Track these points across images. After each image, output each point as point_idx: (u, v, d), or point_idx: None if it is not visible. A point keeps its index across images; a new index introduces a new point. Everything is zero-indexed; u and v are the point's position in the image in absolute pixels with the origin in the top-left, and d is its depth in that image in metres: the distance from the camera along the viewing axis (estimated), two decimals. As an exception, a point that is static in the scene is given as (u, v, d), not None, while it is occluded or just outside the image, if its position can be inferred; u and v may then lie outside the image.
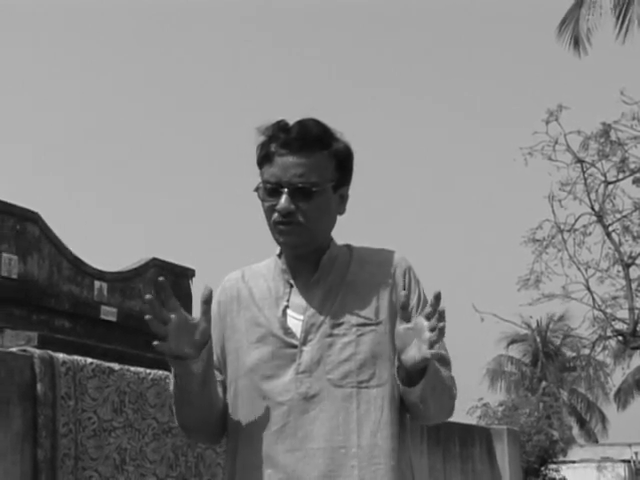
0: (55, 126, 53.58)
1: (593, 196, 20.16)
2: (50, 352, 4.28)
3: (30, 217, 11.20)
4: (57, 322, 11.34)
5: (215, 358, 2.42)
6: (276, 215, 2.35)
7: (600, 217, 20.16)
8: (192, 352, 2.25)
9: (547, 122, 19.77)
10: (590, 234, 20.37)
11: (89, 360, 4.42)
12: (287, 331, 2.37)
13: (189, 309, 13.72)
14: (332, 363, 2.33)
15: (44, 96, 54.23)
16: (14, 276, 10.90)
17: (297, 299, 2.41)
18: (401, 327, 2.26)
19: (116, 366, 4.55)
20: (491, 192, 51.88)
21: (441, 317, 2.19)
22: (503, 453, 9.59)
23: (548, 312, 35.23)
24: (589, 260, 20.40)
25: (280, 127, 2.37)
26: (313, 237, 2.37)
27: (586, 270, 20.23)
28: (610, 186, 20.19)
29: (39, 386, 4.13)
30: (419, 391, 2.28)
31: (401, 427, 2.39)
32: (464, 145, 52.46)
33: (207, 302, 2.26)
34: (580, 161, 20.04)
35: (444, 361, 2.41)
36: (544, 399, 24.71)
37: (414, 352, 2.22)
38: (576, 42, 19.94)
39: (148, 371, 4.74)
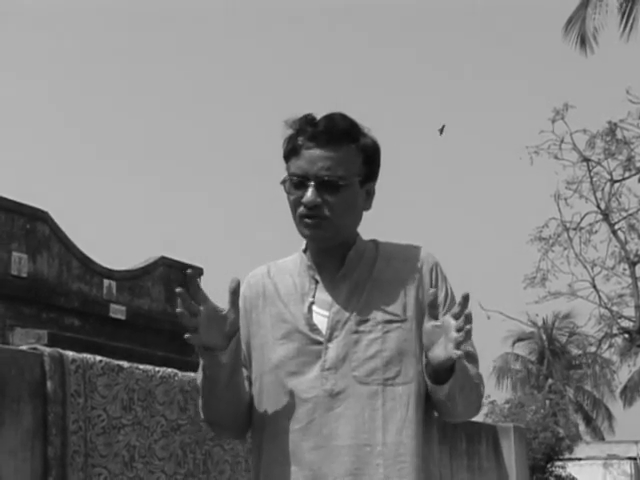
0: (64, 126, 53.71)
1: (599, 194, 20.16)
2: (60, 350, 4.29)
3: (40, 216, 11.23)
4: (67, 320, 11.37)
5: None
6: (302, 208, 2.33)
7: (606, 215, 20.14)
8: (222, 342, 2.25)
9: (553, 121, 19.79)
10: (596, 232, 20.38)
11: (98, 358, 4.43)
12: (313, 327, 2.34)
13: (197, 307, 13.71)
14: (358, 360, 2.31)
15: (52, 97, 54.37)
16: (24, 275, 10.93)
17: (323, 295, 2.38)
18: (429, 324, 2.25)
19: (125, 364, 4.57)
20: (497, 190, 51.85)
21: (468, 320, 2.17)
22: (510, 450, 9.59)
23: (554, 310, 35.20)
24: (595, 258, 20.41)
25: (308, 121, 2.35)
26: (339, 231, 2.35)
27: (592, 268, 20.24)
28: (616, 184, 20.19)
29: (49, 384, 4.15)
30: (447, 389, 2.27)
31: (427, 425, 2.37)
32: (470, 144, 52.43)
33: (235, 293, 2.26)
34: (586, 160, 20.03)
35: (472, 358, 2.39)
36: (550, 397, 24.67)
37: (440, 351, 2.21)
38: (582, 41, 19.93)
39: (157, 369, 4.75)
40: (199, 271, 13.85)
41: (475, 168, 53.89)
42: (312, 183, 2.31)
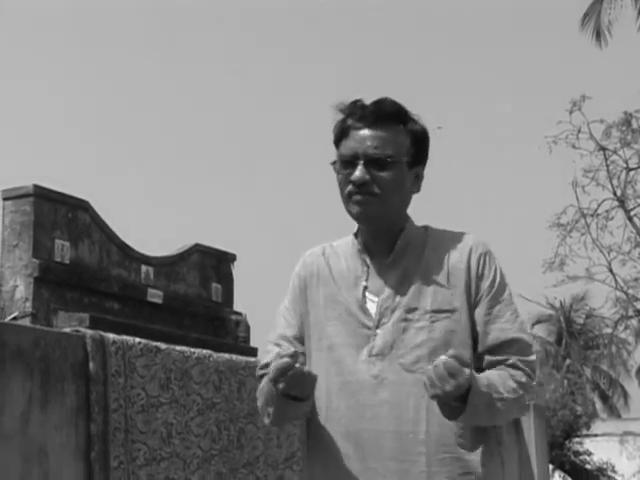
0: (102, 123, 53.91)
1: (615, 182, 19.98)
2: (101, 332, 4.32)
3: (81, 205, 11.27)
4: (107, 304, 11.42)
5: (297, 330, 2.39)
6: (351, 186, 2.28)
7: (622, 202, 19.97)
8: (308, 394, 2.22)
9: (571, 112, 19.62)
10: (612, 218, 20.19)
11: (137, 340, 4.45)
12: (366, 312, 2.30)
13: (230, 291, 13.73)
14: (405, 348, 2.25)
15: (87, 90, 54.57)
16: (67, 261, 10.98)
17: (374, 280, 2.33)
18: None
19: (162, 345, 4.59)
20: (517, 179, 51.51)
21: (449, 371, 2.05)
22: (529, 427, 9.56)
23: (572, 293, 34.97)
24: (611, 243, 20.23)
25: (357, 104, 2.33)
26: (387, 210, 2.29)
27: (608, 253, 20.07)
28: (631, 172, 20.01)
29: (91, 364, 4.18)
30: (461, 424, 2.19)
31: None
32: (492, 134, 52.09)
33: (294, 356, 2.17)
34: (603, 149, 19.86)
35: (518, 346, 2.28)
36: (568, 376, 24.55)
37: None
38: (598, 34, 19.78)
39: (192, 350, 4.77)
40: (232, 257, 13.86)
41: (496, 157, 53.58)
42: (361, 161, 2.27)
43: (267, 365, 2.33)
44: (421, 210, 2.50)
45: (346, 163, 2.30)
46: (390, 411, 2.23)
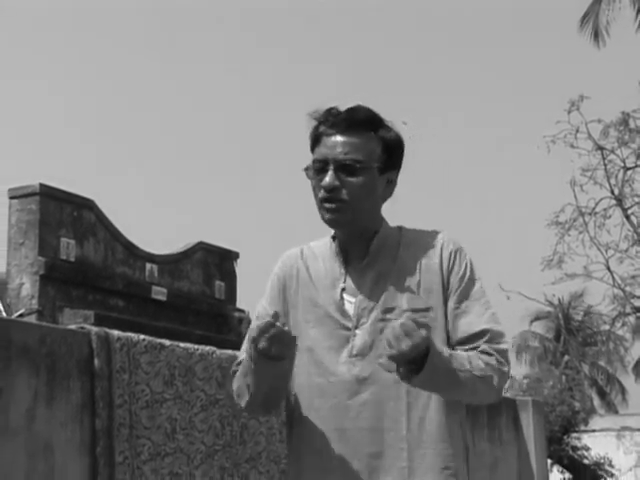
0: (102, 123, 53.92)
1: (613, 181, 19.98)
2: (106, 329, 4.32)
3: (86, 204, 11.27)
4: (112, 301, 11.43)
5: None
6: (322, 192, 2.29)
7: (619, 201, 19.96)
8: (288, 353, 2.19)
9: (569, 111, 19.60)
10: (610, 217, 20.19)
11: (142, 337, 4.45)
12: (344, 314, 2.31)
13: (233, 288, 13.75)
14: (384, 348, 2.21)
15: (87, 90, 54.56)
16: (72, 259, 10.99)
17: (351, 282, 2.34)
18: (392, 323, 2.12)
19: (167, 342, 4.59)
20: (517, 178, 51.50)
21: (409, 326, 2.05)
22: (528, 423, 9.55)
23: (570, 291, 34.98)
24: (609, 241, 20.22)
25: (330, 112, 2.34)
26: (357, 215, 2.30)
27: (606, 251, 20.07)
28: (629, 171, 20.01)
29: (96, 361, 4.18)
30: (417, 384, 2.14)
31: (452, 410, 2.30)
32: (493, 134, 52.08)
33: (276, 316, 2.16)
34: (600, 148, 19.85)
35: (492, 335, 2.27)
36: (566, 372, 24.54)
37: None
38: (596, 35, 19.80)
39: (196, 347, 4.77)
40: (235, 255, 13.87)
41: (496, 157, 53.57)
42: (331, 167, 2.28)
43: (241, 363, 2.34)
44: (421, 210, 2.49)
45: (318, 169, 2.31)
46: (372, 410, 2.25)
